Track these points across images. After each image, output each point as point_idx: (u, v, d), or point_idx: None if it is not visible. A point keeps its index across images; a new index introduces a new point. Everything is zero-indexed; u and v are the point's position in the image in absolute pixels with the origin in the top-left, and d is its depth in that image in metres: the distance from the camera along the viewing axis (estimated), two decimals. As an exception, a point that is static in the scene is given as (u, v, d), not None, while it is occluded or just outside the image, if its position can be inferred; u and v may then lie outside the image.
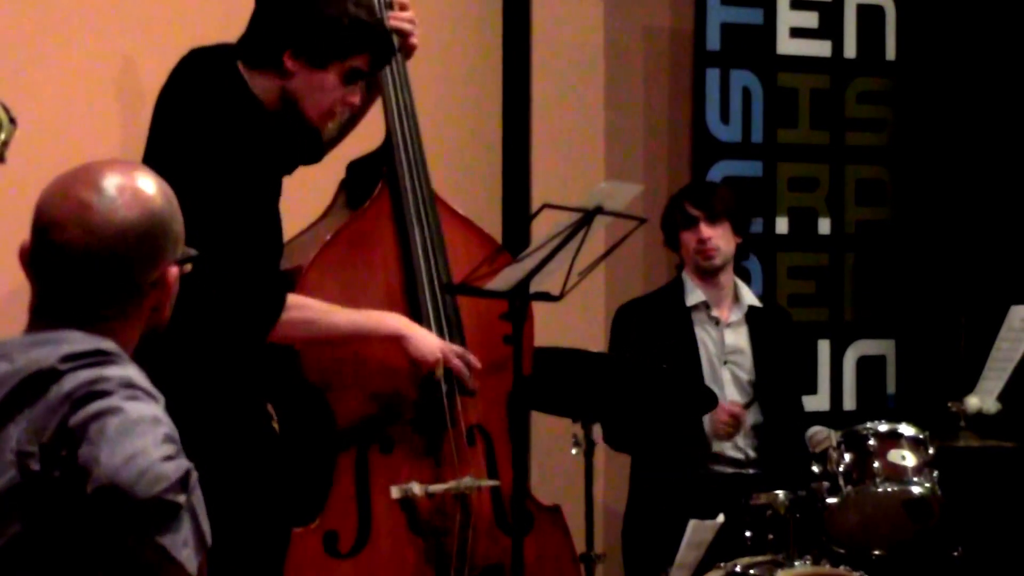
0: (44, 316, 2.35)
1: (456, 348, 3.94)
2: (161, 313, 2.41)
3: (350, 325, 3.82)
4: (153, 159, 3.62)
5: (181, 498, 2.16)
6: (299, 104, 3.69)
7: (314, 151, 3.98)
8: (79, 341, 2.29)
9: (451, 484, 3.94)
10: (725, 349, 4.90)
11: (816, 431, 4.70)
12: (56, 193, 2.36)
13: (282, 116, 3.71)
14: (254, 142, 3.64)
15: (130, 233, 2.32)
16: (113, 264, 2.32)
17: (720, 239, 4.85)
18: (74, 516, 2.20)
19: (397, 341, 3.86)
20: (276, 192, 3.78)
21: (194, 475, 2.20)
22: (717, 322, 4.90)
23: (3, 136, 3.30)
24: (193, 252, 2.45)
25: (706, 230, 4.84)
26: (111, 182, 2.34)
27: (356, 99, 3.77)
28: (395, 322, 3.88)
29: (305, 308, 3.75)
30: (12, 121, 3.23)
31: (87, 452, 2.17)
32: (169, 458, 2.16)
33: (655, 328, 4.85)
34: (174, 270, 2.39)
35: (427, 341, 3.88)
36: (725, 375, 4.88)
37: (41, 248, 2.35)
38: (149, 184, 2.38)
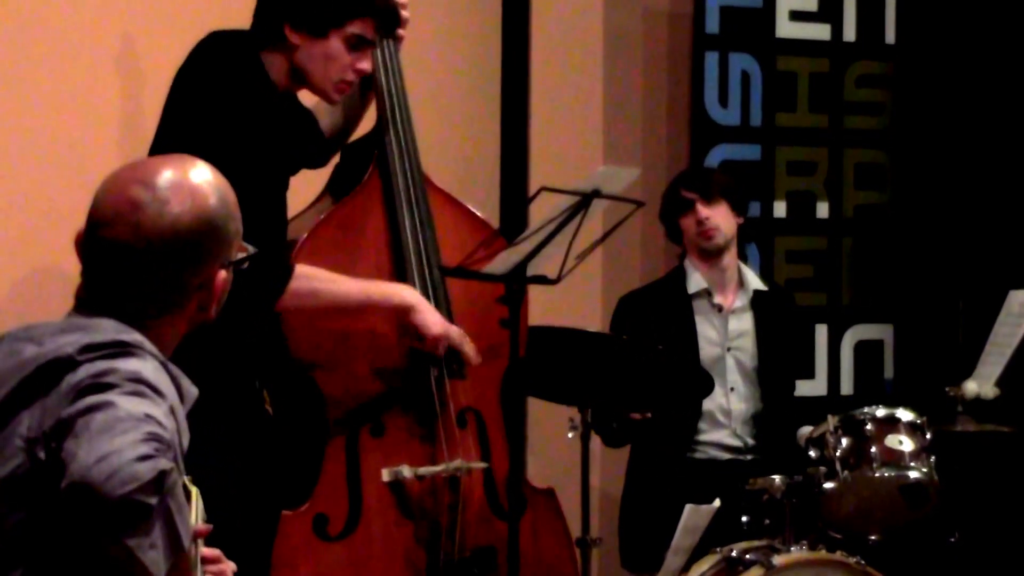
0: (86, 304, 2.36)
1: (457, 329, 3.94)
2: (207, 312, 2.41)
3: (360, 294, 3.84)
4: (166, 136, 3.66)
5: (152, 500, 2.13)
6: (309, 77, 3.77)
7: (319, 153, 4.03)
8: (106, 331, 2.29)
9: (441, 467, 3.95)
10: (729, 336, 4.88)
11: (805, 432, 4.70)
12: (110, 188, 2.36)
13: (295, 97, 3.77)
14: (267, 124, 3.69)
15: (178, 234, 2.32)
16: (158, 264, 2.32)
17: (719, 218, 4.83)
18: (59, 508, 2.19)
19: (405, 313, 3.86)
20: (284, 180, 3.83)
21: (172, 476, 2.17)
22: (720, 309, 4.89)
23: None
24: (252, 249, 2.45)
25: (703, 210, 4.82)
26: (165, 180, 2.34)
27: (366, 65, 3.81)
28: (405, 293, 3.89)
29: (313, 278, 3.77)
30: None
31: (69, 446, 2.16)
32: (145, 458, 2.13)
33: (655, 317, 4.83)
34: (223, 273, 2.39)
35: (435, 315, 3.89)
36: (729, 362, 4.87)
37: (90, 242, 2.36)
38: (206, 183, 2.37)
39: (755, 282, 4.97)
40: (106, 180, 2.38)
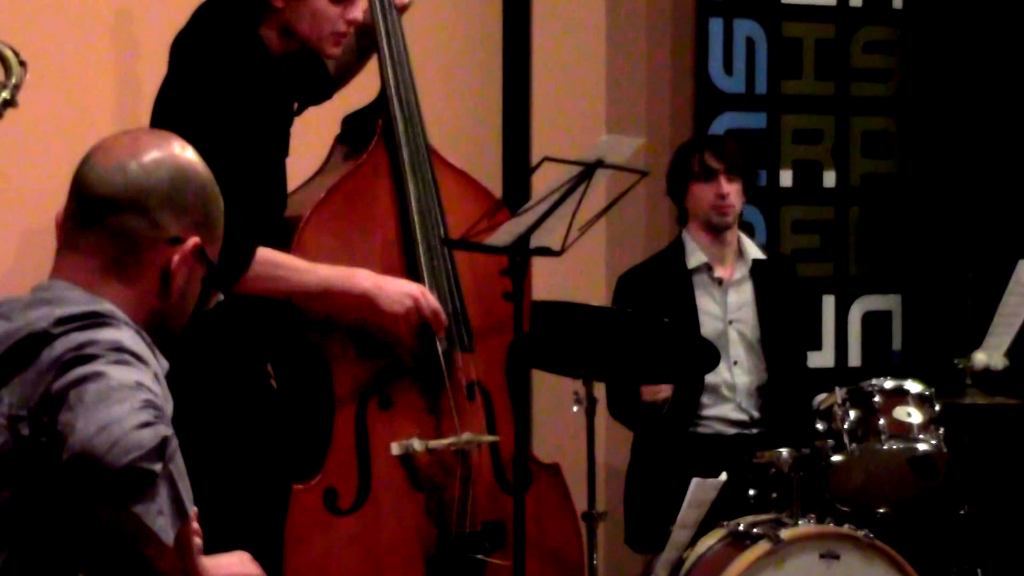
0: (57, 276, 2.36)
1: (431, 299, 3.92)
2: (171, 291, 2.40)
3: (321, 283, 3.82)
4: (163, 112, 3.72)
5: (156, 466, 2.15)
6: (301, 36, 3.80)
7: (322, 89, 4.03)
8: (77, 302, 2.31)
9: (451, 440, 3.97)
10: (729, 309, 4.89)
11: (822, 399, 4.72)
12: (96, 156, 2.39)
13: (293, 60, 3.81)
14: (259, 91, 3.73)
15: (166, 167, 2.36)
16: (137, 186, 2.34)
17: (735, 196, 4.84)
18: (59, 483, 2.21)
19: (365, 302, 3.86)
20: (283, 146, 3.86)
21: (173, 442, 2.19)
22: (720, 282, 4.89)
23: (15, 80, 3.32)
24: (215, 265, 2.46)
25: (726, 185, 4.81)
26: (151, 150, 2.38)
27: (356, 14, 3.85)
28: (358, 282, 3.87)
29: (276, 265, 3.77)
30: (22, 64, 3.24)
31: (65, 419, 2.18)
32: (146, 425, 2.16)
33: (655, 294, 4.82)
34: (194, 240, 2.39)
35: (390, 294, 3.87)
36: (732, 335, 4.87)
37: (73, 204, 2.38)
38: (190, 158, 2.42)
39: (754, 251, 4.96)
40: (90, 151, 2.41)
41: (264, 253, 3.74)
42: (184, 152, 2.40)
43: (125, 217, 2.34)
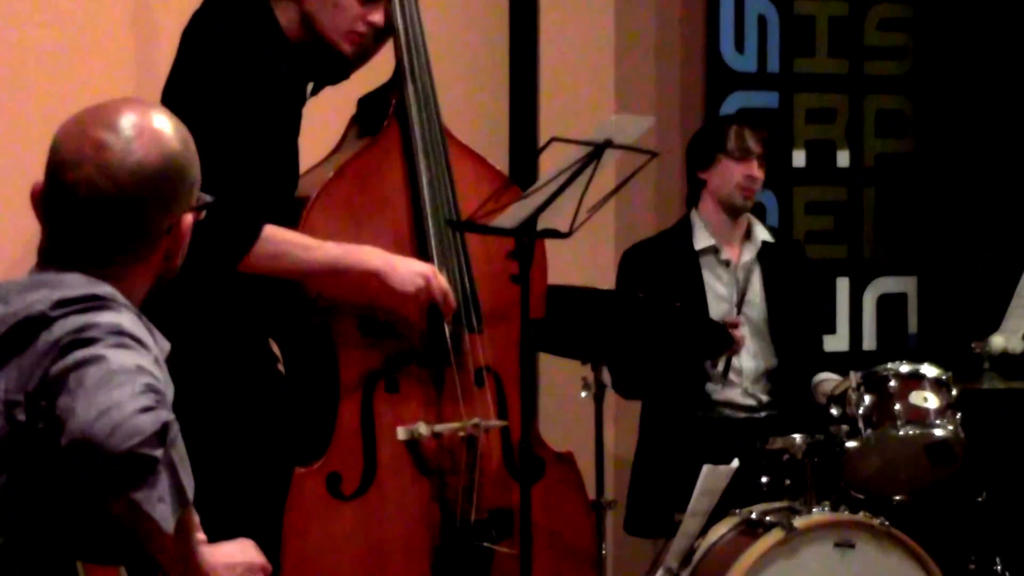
0: (51, 259, 2.35)
1: (441, 280, 3.90)
2: (173, 261, 2.41)
3: (329, 261, 3.80)
4: (172, 86, 3.73)
5: (157, 452, 2.15)
6: (319, 27, 3.83)
7: (339, 69, 4.03)
8: (75, 285, 2.29)
9: (458, 424, 3.96)
10: (737, 291, 4.88)
11: (822, 379, 4.70)
12: (71, 132, 2.35)
13: (309, 46, 3.82)
14: (272, 73, 3.74)
15: (146, 175, 2.32)
16: (126, 207, 2.32)
17: (760, 183, 4.86)
18: (58, 469, 2.20)
19: (374, 280, 3.84)
20: (294, 126, 3.86)
21: (174, 428, 2.19)
22: (728, 264, 4.89)
23: None
24: (208, 199, 2.45)
25: (759, 170, 4.82)
26: (128, 122, 2.34)
27: (378, 17, 3.87)
28: (369, 259, 3.85)
29: (282, 242, 3.75)
30: None
31: (64, 403, 2.17)
32: (146, 410, 2.15)
33: (662, 274, 4.83)
34: (188, 217, 2.39)
35: (401, 274, 3.85)
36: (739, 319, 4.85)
37: (53, 188, 2.35)
38: (167, 126, 2.38)
39: (762, 234, 4.96)
40: (63, 126, 2.38)
41: (271, 230, 3.73)
42: (150, 135, 2.35)
43: (118, 222, 2.33)
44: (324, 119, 4.09)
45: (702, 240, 4.89)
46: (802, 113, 5.64)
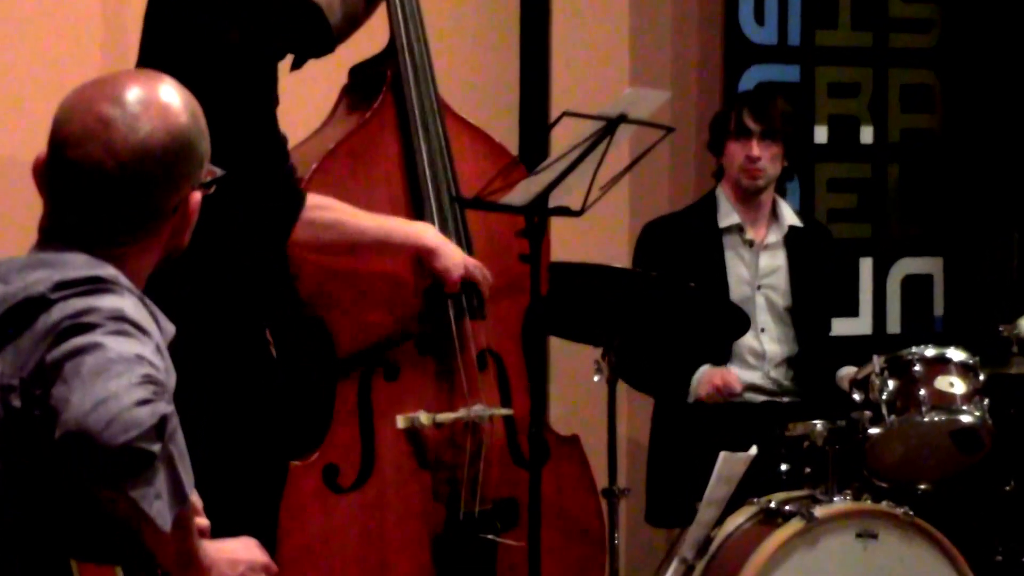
0: (53, 237, 2.33)
1: (475, 262, 3.95)
2: (180, 239, 2.40)
3: (379, 231, 3.84)
4: (152, 49, 3.69)
5: (155, 447, 2.13)
6: None
7: (323, 42, 3.99)
8: (77, 266, 2.27)
9: (461, 413, 3.96)
10: (759, 273, 4.88)
11: (846, 373, 4.69)
12: (77, 107, 2.33)
13: (288, 8, 3.80)
14: (258, 29, 3.71)
15: (152, 152, 2.30)
16: (132, 185, 2.30)
17: (768, 161, 4.82)
18: (52, 462, 2.18)
19: (426, 256, 3.87)
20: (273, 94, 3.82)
21: (173, 421, 2.17)
22: (751, 244, 4.88)
23: None
24: (219, 172, 2.43)
25: (757, 148, 4.80)
26: (134, 96, 2.32)
27: None
28: (427, 234, 3.89)
29: (329, 208, 3.78)
30: None
31: (59, 392, 2.15)
32: (144, 402, 2.13)
33: (682, 250, 4.83)
34: (197, 195, 2.38)
35: (456, 257, 3.90)
36: (759, 301, 4.86)
37: (57, 164, 2.33)
38: (175, 99, 2.36)
39: (791, 218, 4.95)
40: (68, 98, 2.35)
41: (314, 197, 3.75)
42: (158, 109, 2.33)
43: (124, 201, 2.31)
44: (315, 88, 4.09)
45: (727, 218, 4.89)
46: (824, 87, 5.61)
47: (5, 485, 2.22)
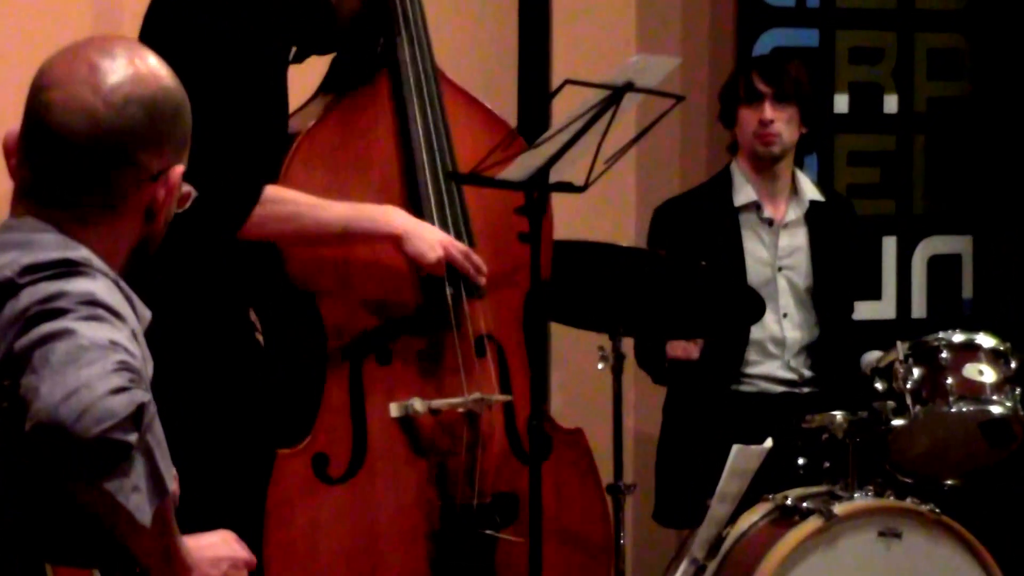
0: (25, 210, 2.32)
1: (460, 245, 3.96)
2: (157, 221, 2.39)
3: (340, 221, 3.85)
4: (155, 32, 3.72)
5: (131, 437, 2.13)
6: None
7: (327, 40, 4.05)
8: (48, 247, 2.27)
9: (458, 399, 3.97)
10: (779, 254, 4.88)
11: (872, 358, 4.66)
12: (64, 55, 2.35)
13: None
14: (262, 20, 3.76)
15: (139, 98, 2.31)
16: (113, 131, 2.30)
17: (784, 124, 4.81)
18: (23, 456, 2.18)
19: (395, 242, 3.89)
20: (283, 74, 3.87)
21: (151, 409, 2.17)
22: (771, 223, 4.88)
23: None
24: (195, 193, 2.44)
25: (770, 111, 4.80)
26: (125, 51, 2.34)
27: None
28: (391, 219, 3.90)
29: (287, 202, 3.79)
30: None
31: (28, 382, 2.15)
32: (119, 390, 2.13)
33: (697, 232, 4.83)
34: (179, 169, 2.37)
35: (426, 239, 3.90)
36: (780, 283, 4.86)
37: (34, 110, 2.33)
38: (164, 67, 2.38)
39: (811, 192, 4.95)
40: (53, 54, 2.36)
41: (272, 190, 3.77)
42: (147, 68, 2.35)
43: (101, 166, 2.31)
44: (312, 64, 4.09)
45: (743, 195, 4.89)
46: (845, 52, 5.61)
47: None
